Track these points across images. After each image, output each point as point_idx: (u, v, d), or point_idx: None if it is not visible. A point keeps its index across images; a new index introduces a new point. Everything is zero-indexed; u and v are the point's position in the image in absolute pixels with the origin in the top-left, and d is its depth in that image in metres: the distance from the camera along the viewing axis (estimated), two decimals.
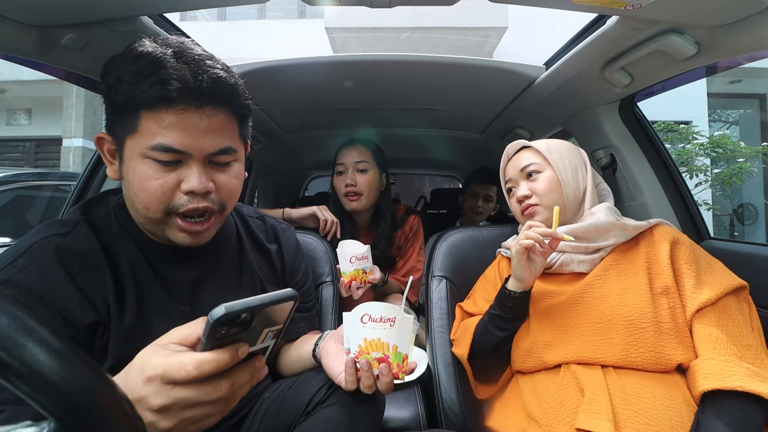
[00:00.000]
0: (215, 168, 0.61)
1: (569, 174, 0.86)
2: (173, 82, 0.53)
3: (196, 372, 0.36)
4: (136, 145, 0.56)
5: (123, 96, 0.55)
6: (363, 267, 1.14)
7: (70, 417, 0.26)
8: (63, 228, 0.60)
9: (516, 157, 0.94)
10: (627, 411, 0.63)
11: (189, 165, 0.58)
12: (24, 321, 0.27)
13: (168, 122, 0.55)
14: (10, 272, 0.54)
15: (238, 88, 0.62)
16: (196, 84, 0.55)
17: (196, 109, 0.56)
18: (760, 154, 4.45)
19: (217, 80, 0.57)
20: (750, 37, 0.72)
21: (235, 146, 0.62)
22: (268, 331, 0.41)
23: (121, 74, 0.55)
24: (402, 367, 0.61)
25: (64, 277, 0.56)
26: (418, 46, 5.20)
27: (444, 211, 2.73)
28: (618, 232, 0.79)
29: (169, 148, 0.55)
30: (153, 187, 0.56)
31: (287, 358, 0.83)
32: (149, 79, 0.53)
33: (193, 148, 0.57)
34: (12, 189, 2.53)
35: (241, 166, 0.66)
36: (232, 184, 0.63)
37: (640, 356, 0.68)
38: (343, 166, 1.33)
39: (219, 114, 0.59)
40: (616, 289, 0.74)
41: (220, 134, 0.59)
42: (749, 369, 0.62)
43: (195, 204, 0.59)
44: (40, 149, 6.76)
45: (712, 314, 0.69)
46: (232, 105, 0.61)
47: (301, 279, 0.87)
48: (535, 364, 0.78)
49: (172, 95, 0.53)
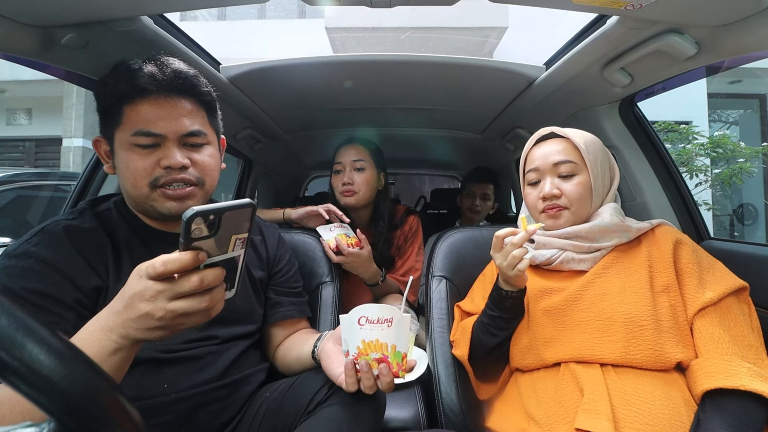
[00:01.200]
0: (190, 149, 0.71)
1: (599, 180, 0.81)
2: (144, 76, 0.67)
3: (162, 268, 0.43)
4: (122, 136, 0.68)
5: (108, 96, 0.68)
6: (344, 232, 1.19)
7: (70, 417, 0.26)
8: (71, 215, 0.71)
9: (548, 146, 0.84)
10: (626, 411, 0.63)
11: (166, 146, 0.68)
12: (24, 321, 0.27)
13: (145, 111, 0.67)
14: (26, 246, 0.63)
15: (198, 80, 0.73)
16: (162, 76, 0.68)
17: (166, 98, 0.68)
18: (760, 154, 4.45)
19: (177, 72, 0.69)
20: (750, 37, 0.72)
21: (205, 130, 0.73)
22: (236, 239, 0.47)
23: (106, 80, 0.68)
24: (402, 366, 0.62)
25: (72, 249, 0.65)
26: (418, 46, 5.19)
27: (444, 211, 2.73)
28: (621, 233, 0.79)
29: (148, 132, 0.67)
30: (138, 167, 0.67)
31: (286, 357, 0.83)
32: (126, 77, 0.67)
33: (167, 130, 0.68)
34: (12, 189, 2.53)
35: (215, 151, 0.76)
36: (206, 161, 0.73)
37: (640, 354, 0.68)
38: (340, 165, 1.33)
39: (186, 101, 0.71)
40: (616, 286, 0.74)
41: (189, 118, 0.70)
42: (751, 369, 0.62)
43: (173, 175, 0.68)
44: (40, 149, 6.76)
45: (714, 314, 0.69)
46: (195, 93, 0.72)
47: (285, 266, 0.93)
48: (534, 362, 0.77)
49: (144, 86, 0.66)
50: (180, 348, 0.70)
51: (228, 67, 1.16)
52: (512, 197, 2.54)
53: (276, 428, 0.69)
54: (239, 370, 0.76)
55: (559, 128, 0.85)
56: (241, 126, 1.54)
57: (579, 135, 0.83)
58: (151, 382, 0.66)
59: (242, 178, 2.03)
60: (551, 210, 0.82)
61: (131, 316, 0.45)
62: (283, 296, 0.89)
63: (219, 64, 1.15)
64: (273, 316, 0.87)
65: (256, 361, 0.82)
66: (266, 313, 0.87)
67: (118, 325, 0.46)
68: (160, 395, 0.66)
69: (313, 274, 1.10)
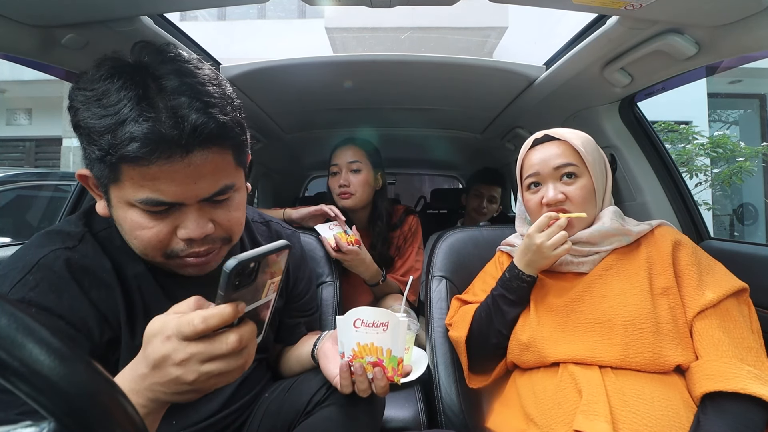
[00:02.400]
0: (213, 206, 0.55)
1: (600, 181, 0.81)
2: (147, 138, 0.45)
3: (203, 325, 0.38)
4: (121, 195, 0.50)
5: (95, 147, 0.47)
6: (344, 230, 1.20)
7: (70, 417, 0.26)
8: (69, 241, 0.56)
9: (545, 149, 0.82)
10: (625, 412, 0.63)
11: (183, 211, 0.52)
12: (24, 321, 0.27)
13: (153, 174, 0.48)
14: (22, 291, 0.50)
15: (228, 121, 0.51)
16: (176, 133, 0.46)
17: (182, 157, 0.48)
18: (760, 154, 4.45)
19: (203, 123, 0.48)
20: (750, 37, 0.72)
21: (233, 181, 0.55)
22: (270, 283, 0.45)
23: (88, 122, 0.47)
24: (397, 371, 0.61)
25: (79, 294, 0.54)
26: (418, 46, 5.19)
27: (444, 211, 2.73)
28: (621, 237, 0.79)
29: (158, 202, 0.50)
30: (147, 237, 0.52)
31: (287, 360, 0.83)
32: (119, 135, 0.46)
33: (185, 197, 0.51)
34: (12, 189, 2.53)
35: (242, 194, 0.60)
36: (233, 218, 0.58)
37: (639, 357, 0.68)
38: (337, 167, 1.33)
39: (210, 154, 0.50)
40: (615, 289, 0.74)
41: (214, 175, 0.52)
42: (750, 372, 0.62)
43: (195, 248, 0.55)
44: (40, 149, 6.76)
45: (713, 316, 0.69)
46: (224, 139, 0.52)
47: (304, 287, 0.86)
48: (533, 360, 0.77)
49: (152, 150, 0.46)
50: None
51: (228, 67, 1.16)
52: (512, 197, 2.54)
53: (275, 428, 0.69)
54: (248, 391, 0.74)
55: (554, 130, 0.83)
56: None
57: (576, 136, 0.81)
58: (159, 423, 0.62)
59: None
60: None
61: (159, 381, 0.40)
62: (299, 318, 0.86)
63: (219, 64, 1.15)
64: (288, 339, 0.84)
65: (261, 375, 0.79)
66: (281, 335, 0.84)
67: (144, 389, 0.41)
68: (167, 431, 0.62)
69: (314, 274, 1.10)
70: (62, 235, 0.57)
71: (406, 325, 0.62)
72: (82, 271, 0.55)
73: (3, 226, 2.47)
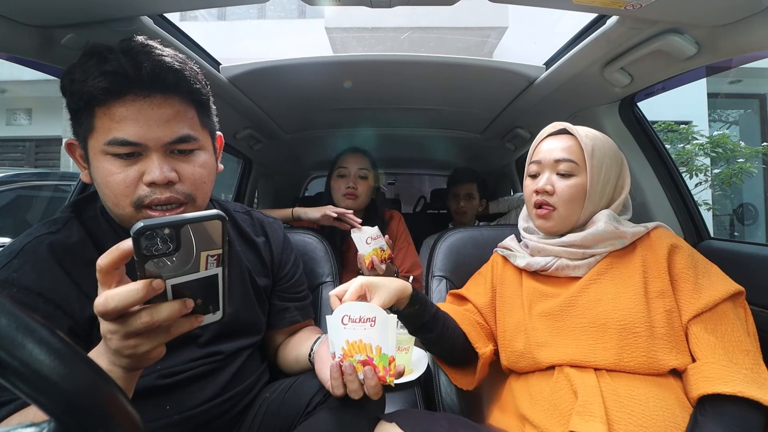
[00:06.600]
0: (177, 158, 0.60)
1: (598, 186, 0.79)
2: (117, 72, 0.54)
3: (102, 308, 0.38)
4: (95, 144, 0.57)
5: (76, 96, 0.56)
6: (380, 246, 1.20)
7: (70, 417, 0.26)
8: (53, 226, 0.61)
9: (556, 141, 0.82)
10: (620, 413, 0.63)
11: (149, 156, 0.58)
12: (24, 321, 0.27)
13: (120, 115, 0.55)
14: (6, 273, 0.55)
15: (185, 73, 0.59)
16: (136, 72, 0.54)
17: (145, 99, 0.56)
18: (760, 154, 4.45)
19: (159, 66, 0.56)
20: (750, 37, 0.72)
21: (195, 134, 0.61)
22: (208, 255, 0.42)
23: (73, 75, 0.56)
24: (389, 371, 0.57)
25: (60, 273, 0.57)
26: (418, 46, 5.19)
27: (444, 211, 2.73)
28: (616, 240, 0.78)
29: (123, 141, 0.55)
30: (116, 182, 0.57)
31: (286, 358, 0.83)
32: (93, 73, 0.54)
33: (148, 139, 0.56)
34: (12, 189, 2.53)
35: (208, 156, 0.65)
36: (197, 173, 0.62)
37: (633, 361, 0.68)
38: (346, 170, 1.44)
39: (171, 101, 0.58)
40: (610, 292, 0.74)
41: (176, 122, 0.58)
42: (747, 375, 0.62)
43: (157, 195, 0.58)
44: (40, 149, 6.76)
45: (709, 320, 0.69)
46: (182, 91, 0.59)
47: (290, 270, 0.87)
48: (529, 365, 0.77)
49: (114, 86, 0.54)
50: (182, 369, 0.66)
51: (228, 67, 1.16)
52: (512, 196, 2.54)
53: (275, 429, 0.69)
54: (241, 381, 0.74)
55: (572, 126, 0.83)
56: (241, 126, 1.54)
57: (590, 137, 0.80)
58: (152, 408, 0.62)
59: (242, 178, 2.03)
60: (541, 210, 0.82)
61: (108, 350, 0.43)
62: (288, 302, 0.86)
63: (219, 64, 1.15)
64: (279, 323, 0.84)
65: (257, 367, 0.79)
66: (271, 320, 0.84)
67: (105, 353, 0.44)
68: (162, 418, 0.63)
69: (314, 274, 1.10)
70: (48, 222, 0.62)
71: (395, 321, 0.59)
72: (64, 252, 0.58)
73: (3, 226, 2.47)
